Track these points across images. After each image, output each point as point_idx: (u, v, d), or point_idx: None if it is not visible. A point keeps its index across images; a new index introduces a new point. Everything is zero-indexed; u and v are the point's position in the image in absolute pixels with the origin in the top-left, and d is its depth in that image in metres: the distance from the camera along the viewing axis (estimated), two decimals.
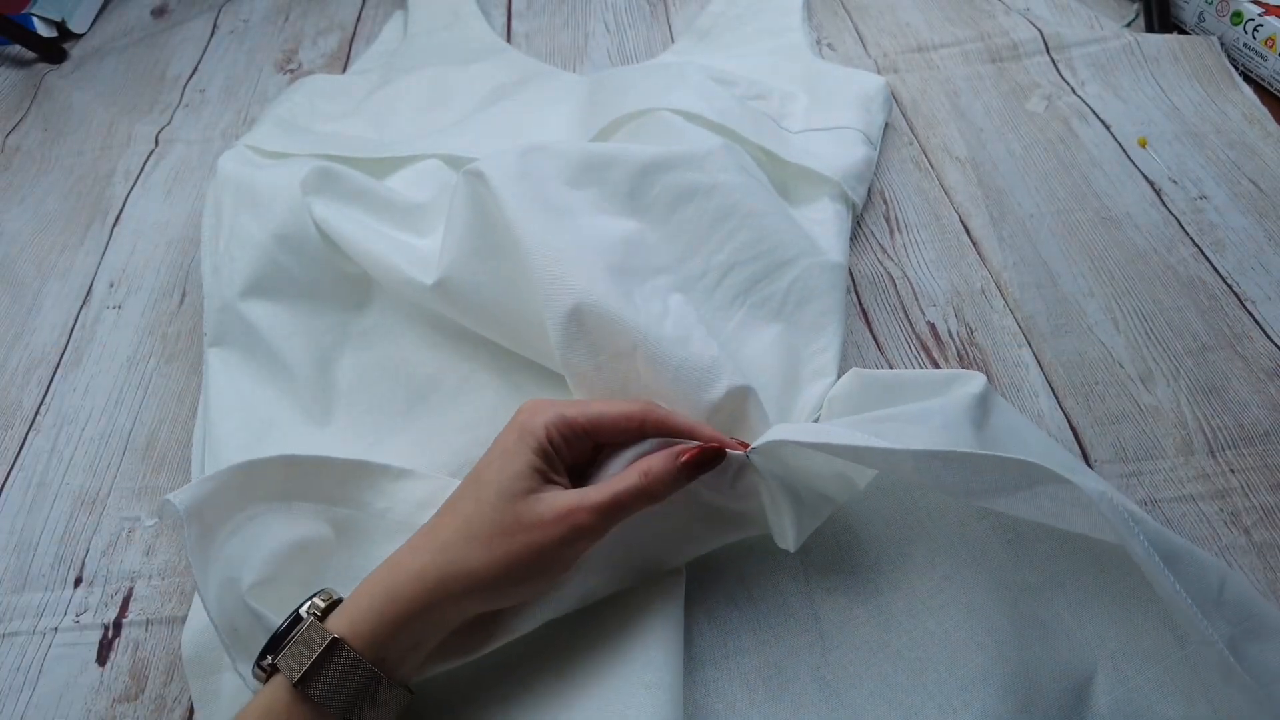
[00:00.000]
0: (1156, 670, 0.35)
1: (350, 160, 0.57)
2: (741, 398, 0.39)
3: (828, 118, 0.62)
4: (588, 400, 0.38)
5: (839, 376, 0.45)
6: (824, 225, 0.53)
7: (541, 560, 0.33)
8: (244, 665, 0.33)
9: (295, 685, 0.30)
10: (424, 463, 0.43)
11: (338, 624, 0.32)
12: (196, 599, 0.40)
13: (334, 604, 0.33)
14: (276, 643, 0.32)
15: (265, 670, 0.32)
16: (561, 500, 0.33)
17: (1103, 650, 0.36)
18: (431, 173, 0.57)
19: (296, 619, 0.32)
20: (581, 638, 0.37)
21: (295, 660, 0.31)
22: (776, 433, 0.36)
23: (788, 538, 0.37)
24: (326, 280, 0.50)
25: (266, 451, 0.37)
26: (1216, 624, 0.32)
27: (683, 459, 0.35)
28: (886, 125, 0.65)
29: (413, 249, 0.50)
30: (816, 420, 0.44)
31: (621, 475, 0.35)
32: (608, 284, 0.41)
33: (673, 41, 0.78)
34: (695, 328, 0.42)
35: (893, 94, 0.68)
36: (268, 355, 0.48)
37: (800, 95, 0.65)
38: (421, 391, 0.48)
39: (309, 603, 0.33)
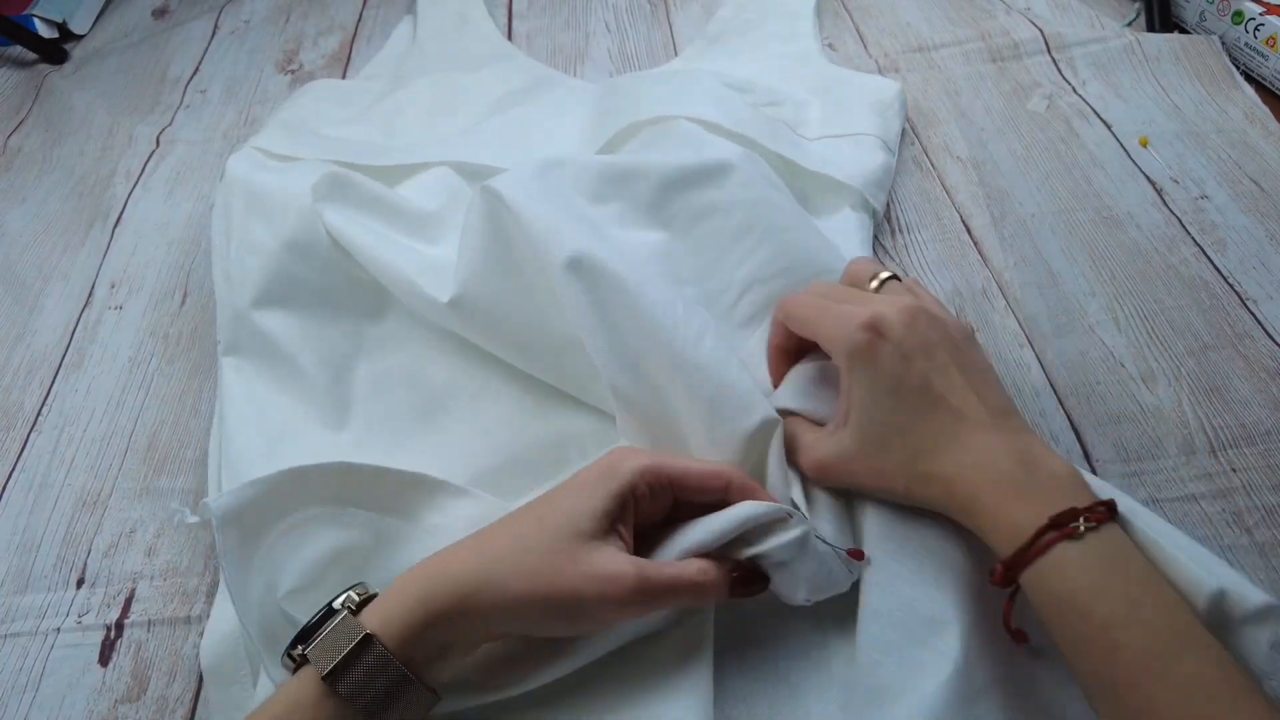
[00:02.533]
0: None
1: (359, 167, 0.56)
2: (771, 430, 0.39)
3: (844, 124, 0.61)
4: (677, 455, 0.37)
5: None
6: (846, 235, 0.53)
7: (575, 611, 0.32)
8: (277, 670, 0.33)
9: (324, 679, 0.30)
10: (441, 469, 0.42)
11: (371, 619, 0.31)
12: (217, 607, 0.40)
13: (369, 599, 0.33)
14: (308, 634, 0.32)
15: (295, 660, 0.32)
16: (619, 564, 0.32)
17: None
18: (441, 180, 0.56)
19: (330, 611, 0.32)
20: (608, 664, 0.36)
21: (326, 653, 0.30)
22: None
23: (798, 595, 0.36)
24: (340, 287, 0.50)
25: (283, 461, 0.37)
26: None
27: (734, 575, 0.35)
28: None
29: (424, 257, 0.50)
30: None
31: (681, 565, 0.34)
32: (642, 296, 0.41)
33: (674, 41, 0.78)
34: (730, 353, 0.41)
35: None
36: (282, 363, 0.48)
37: (814, 102, 0.64)
38: (439, 398, 0.48)
39: (344, 595, 0.33)
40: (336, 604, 0.33)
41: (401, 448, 0.46)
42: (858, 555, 0.36)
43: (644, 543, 0.36)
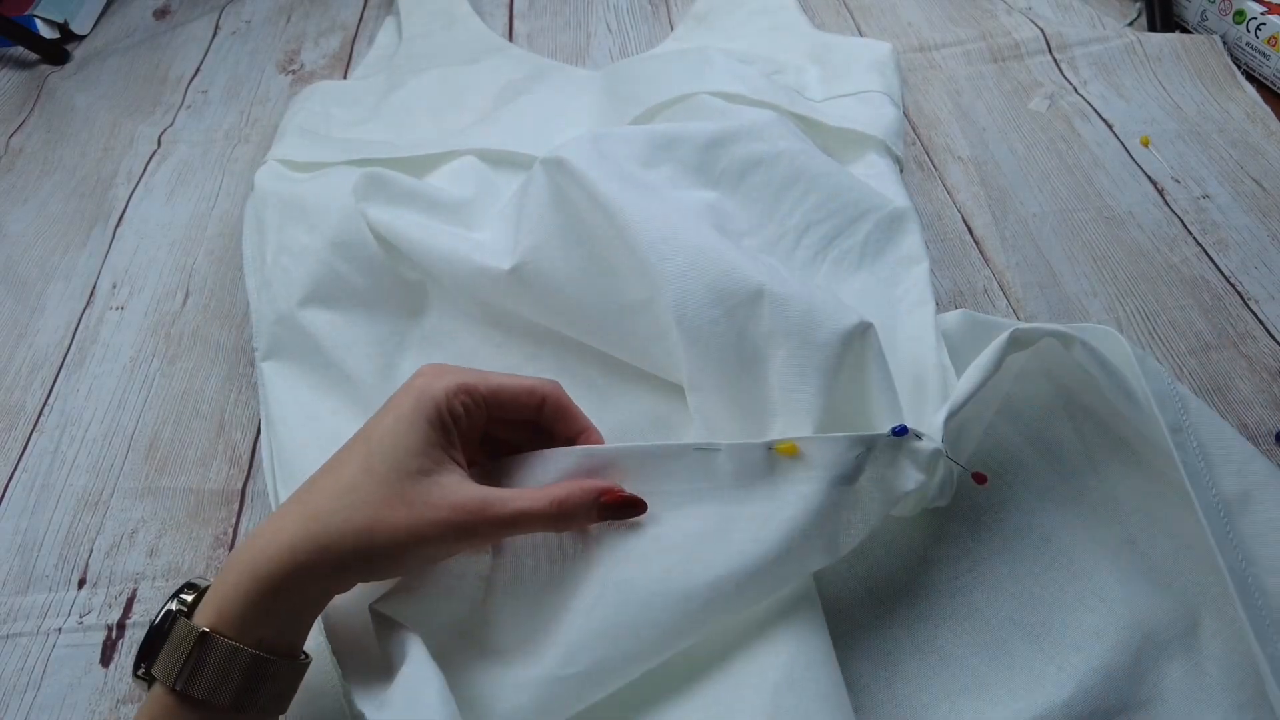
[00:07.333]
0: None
1: (386, 162, 0.56)
2: (865, 331, 0.39)
3: (848, 84, 0.62)
4: (489, 371, 0.36)
5: (936, 306, 0.46)
6: (879, 177, 0.54)
7: (422, 547, 0.31)
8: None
9: (175, 690, 0.29)
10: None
11: (205, 615, 0.30)
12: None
13: (204, 592, 0.31)
14: (150, 645, 0.31)
15: (145, 680, 0.30)
16: (459, 494, 0.31)
17: (1204, 596, 0.38)
18: (469, 169, 0.57)
19: (166, 616, 0.31)
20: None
21: (168, 664, 0.29)
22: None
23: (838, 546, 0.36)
24: (385, 286, 0.50)
25: None
26: (1227, 475, 0.37)
27: (604, 500, 0.33)
28: None
29: (475, 242, 0.50)
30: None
31: (533, 495, 0.33)
32: (719, 238, 0.42)
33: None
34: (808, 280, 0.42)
35: None
36: (328, 365, 0.48)
37: (810, 67, 0.66)
38: None
39: (176, 597, 0.32)
40: (172, 606, 0.32)
41: None
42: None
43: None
